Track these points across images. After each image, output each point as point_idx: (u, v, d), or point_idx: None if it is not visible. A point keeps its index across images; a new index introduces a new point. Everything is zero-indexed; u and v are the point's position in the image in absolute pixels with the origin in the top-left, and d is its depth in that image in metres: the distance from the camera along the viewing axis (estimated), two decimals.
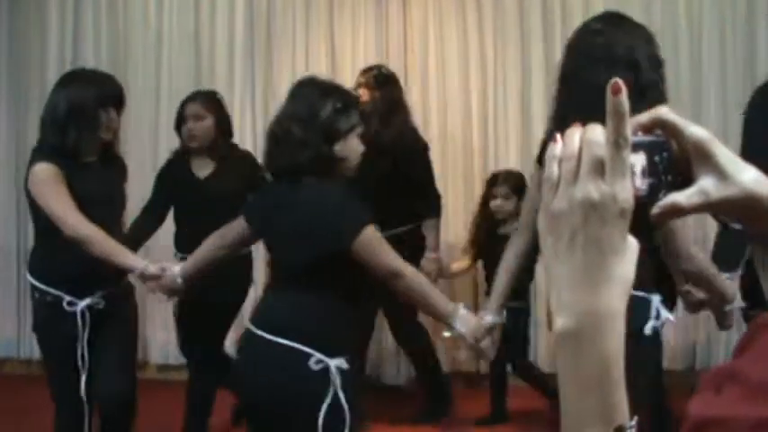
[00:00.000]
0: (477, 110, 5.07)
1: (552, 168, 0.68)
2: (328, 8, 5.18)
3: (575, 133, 0.68)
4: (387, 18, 5.11)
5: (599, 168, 0.65)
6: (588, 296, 0.65)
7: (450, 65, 5.09)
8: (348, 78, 5.11)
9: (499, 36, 4.98)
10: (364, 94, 4.20)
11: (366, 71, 4.41)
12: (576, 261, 0.66)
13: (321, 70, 5.14)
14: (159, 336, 5.37)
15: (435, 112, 5.12)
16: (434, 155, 5.01)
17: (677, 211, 0.70)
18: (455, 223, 4.92)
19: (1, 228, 5.65)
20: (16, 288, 5.63)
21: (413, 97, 5.10)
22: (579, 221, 0.65)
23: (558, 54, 4.73)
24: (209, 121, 3.83)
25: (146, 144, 5.42)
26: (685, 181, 0.70)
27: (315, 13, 5.20)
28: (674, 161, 0.70)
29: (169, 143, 5.28)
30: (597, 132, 0.66)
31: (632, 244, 0.67)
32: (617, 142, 0.65)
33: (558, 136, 0.69)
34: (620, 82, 0.65)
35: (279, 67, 5.24)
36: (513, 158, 4.92)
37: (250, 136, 5.21)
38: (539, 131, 4.83)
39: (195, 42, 5.38)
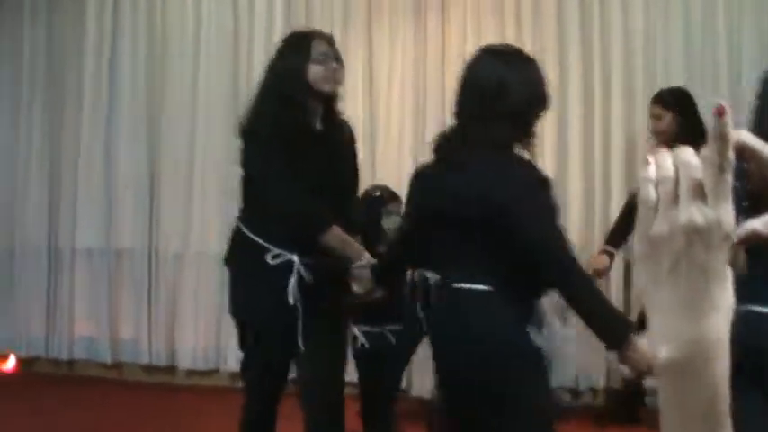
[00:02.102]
0: None
1: (649, 191, 0.66)
2: (366, 17, 5.21)
3: (666, 155, 0.66)
4: (425, 29, 5.12)
5: (699, 191, 0.63)
6: (694, 325, 0.64)
7: None
8: (384, 88, 5.13)
9: (538, 48, 4.97)
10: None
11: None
12: (680, 288, 0.64)
13: (358, 80, 5.15)
14: (188, 340, 5.38)
15: None
16: None
17: (756, 239, 0.68)
18: None
19: (33, 227, 5.71)
20: (46, 287, 5.70)
21: (448, 105, 5.07)
22: (682, 246, 0.64)
23: (597, 69, 4.75)
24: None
25: (182, 142, 5.45)
26: (763, 206, 0.69)
27: (353, 22, 5.23)
28: (753, 186, 0.69)
29: (207, 141, 5.34)
30: (691, 154, 0.65)
31: (729, 269, 0.65)
32: (721, 165, 0.63)
33: (651, 158, 0.67)
34: (725, 105, 0.64)
35: None
36: (549, 166, 4.89)
37: None
38: (575, 145, 4.81)
39: (233, 45, 5.44)
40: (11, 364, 5.75)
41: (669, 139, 3.93)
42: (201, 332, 5.35)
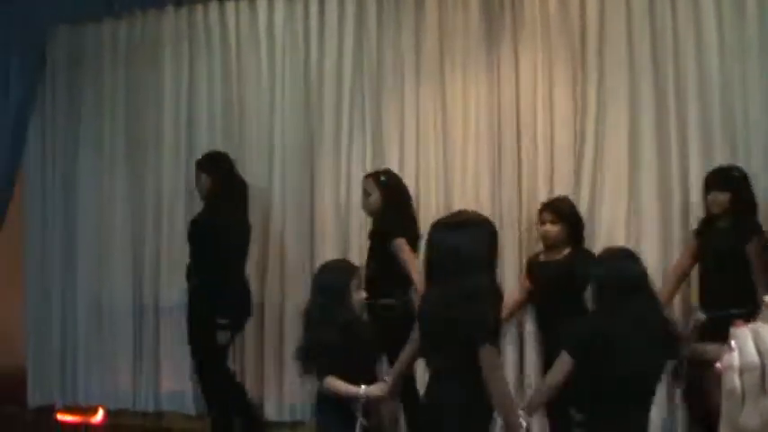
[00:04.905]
0: (587, 168, 4.98)
1: (734, 381, 0.65)
2: (438, 68, 5.28)
3: (748, 338, 0.66)
4: (498, 73, 5.15)
5: None
6: None
7: (558, 119, 5.04)
8: (459, 135, 5.18)
9: (609, 95, 4.96)
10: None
11: None
12: None
13: (430, 127, 5.23)
14: (273, 391, 5.48)
15: (542, 169, 5.04)
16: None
17: None
18: None
19: (119, 286, 5.95)
20: (132, 341, 5.86)
21: (523, 153, 5.07)
22: None
23: (671, 124, 4.68)
24: None
25: (257, 205, 5.56)
26: None
27: (425, 74, 5.32)
28: None
29: (283, 199, 5.47)
30: None
31: None
32: None
33: (733, 343, 0.67)
34: None
35: (388, 124, 5.38)
36: (621, 214, 4.86)
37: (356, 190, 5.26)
38: (650, 194, 4.82)
39: (305, 100, 5.56)
40: (99, 416, 5.94)
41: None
42: (287, 382, 5.42)
